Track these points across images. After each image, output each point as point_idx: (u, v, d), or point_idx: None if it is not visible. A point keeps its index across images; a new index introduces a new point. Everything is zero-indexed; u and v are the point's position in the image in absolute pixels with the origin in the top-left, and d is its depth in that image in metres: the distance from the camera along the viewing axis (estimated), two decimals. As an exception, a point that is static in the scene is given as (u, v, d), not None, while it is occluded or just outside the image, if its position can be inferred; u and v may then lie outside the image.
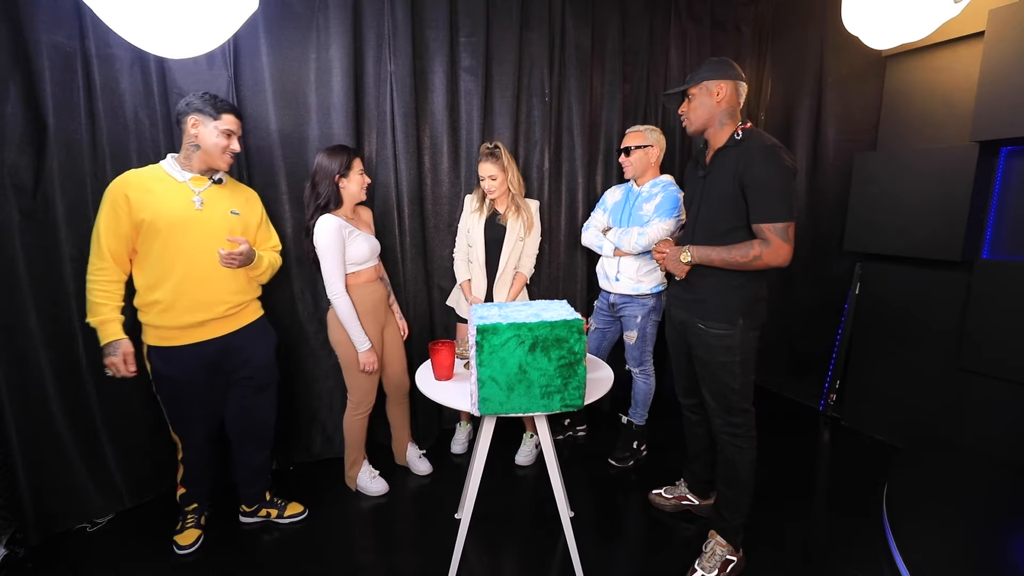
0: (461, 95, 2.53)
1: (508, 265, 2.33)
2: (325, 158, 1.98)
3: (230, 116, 1.71)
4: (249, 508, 2.04)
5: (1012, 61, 2.06)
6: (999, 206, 2.29)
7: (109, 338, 1.61)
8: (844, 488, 2.33)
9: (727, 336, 1.64)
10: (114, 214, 1.59)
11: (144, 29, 1.37)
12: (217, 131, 1.67)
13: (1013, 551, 1.68)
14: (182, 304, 1.68)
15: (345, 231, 1.97)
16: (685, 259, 1.66)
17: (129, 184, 1.61)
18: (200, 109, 1.65)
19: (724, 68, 1.62)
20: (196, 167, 1.70)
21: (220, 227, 1.73)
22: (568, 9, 2.65)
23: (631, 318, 2.37)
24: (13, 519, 1.83)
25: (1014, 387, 2.18)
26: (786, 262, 1.53)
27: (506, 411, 1.49)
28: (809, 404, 3.13)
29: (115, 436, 2.02)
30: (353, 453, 2.21)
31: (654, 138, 2.32)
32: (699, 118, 1.65)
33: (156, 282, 1.65)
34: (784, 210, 1.50)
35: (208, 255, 1.69)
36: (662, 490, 2.15)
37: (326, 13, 2.19)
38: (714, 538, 1.75)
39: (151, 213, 1.60)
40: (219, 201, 1.75)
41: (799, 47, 3.12)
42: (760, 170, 1.51)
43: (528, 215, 2.34)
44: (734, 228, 1.60)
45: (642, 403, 2.50)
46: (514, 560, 1.87)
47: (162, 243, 1.63)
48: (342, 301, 1.98)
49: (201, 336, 1.73)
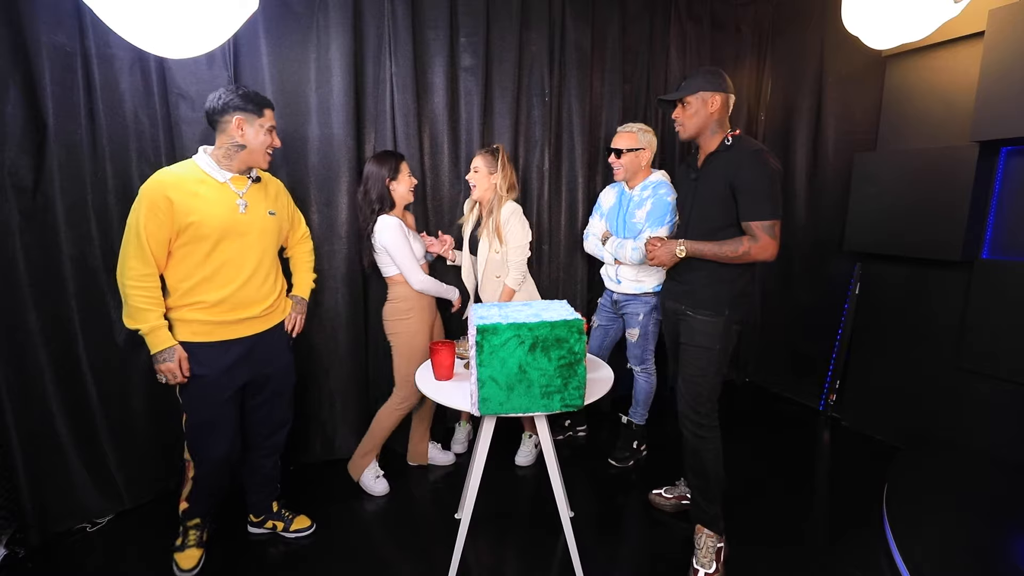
0: (461, 95, 2.53)
1: (487, 274, 2.33)
2: (374, 165, 2.10)
3: (270, 111, 1.66)
4: (256, 518, 1.99)
5: (1012, 61, 2.06)
6: (999, 206, 2.29)
7: (162, 345, 1.56)
8: (844, 488, 2.33)
9: (712, 323, 1.73)
10: (155, 217, 1.51)
11: (144, 29, 1.37)
12: (263, 129, 1.62)
13: (1013, 551, 1.69)
14: (226, 304, 1.65)
15: (405, 228, 2.12)
16: (681, 253, 1.74)
17: (169, 185, 1.53)
18: (243, 107, 1.59)
19: (718, 81, 1.71)
20: (236, 167, 1.65)
21: (262, 229, 1.72)
22: (568, 9, 2.65)
23: (633, 316, 2.39)
24: (13, 519, 1.83)
25: (1014, 387, 2.18)
26: (772, 257, 1.65)
27: (506, 411, 1.49)
28: (809, 404, 3.14)
29: (115, 436, 2.02)
30: (370, 444, 2.24)
31: (647, 140, 2.31)
32: (693, 126, 1.75)
33: (198, 284, 1.61)
34: (771, 209, 1.62)
35: (248, 260, 1.67)
36: (662, 490, 2.16)
37: (326, 13, 2.19)
38: (702, 532, 1.78)
39: (198, 217, 1.55)
40: (258, 202, 1.72)
41: (799, 47, 3.12)
42: (748, 173, 1.62)
43: (496, 221, 2.24)
44: (725, 226, 1.71)
45: (643, 402, 2.50)
46: (514, 560, 1.87)
47: (209, 247, 1.59)
48: (424, 280, 2.14)
49: (234, 333, 1.70)
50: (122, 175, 1.95)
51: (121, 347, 1.99)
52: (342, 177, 2.29)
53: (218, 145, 1.63)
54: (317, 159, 2.27)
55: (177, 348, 1.58)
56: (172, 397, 2.06)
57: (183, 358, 1.58)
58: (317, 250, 2.33)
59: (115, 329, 1.97)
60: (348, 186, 2.30)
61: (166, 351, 1.56)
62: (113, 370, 1.99)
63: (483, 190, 2.26)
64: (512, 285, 2.28)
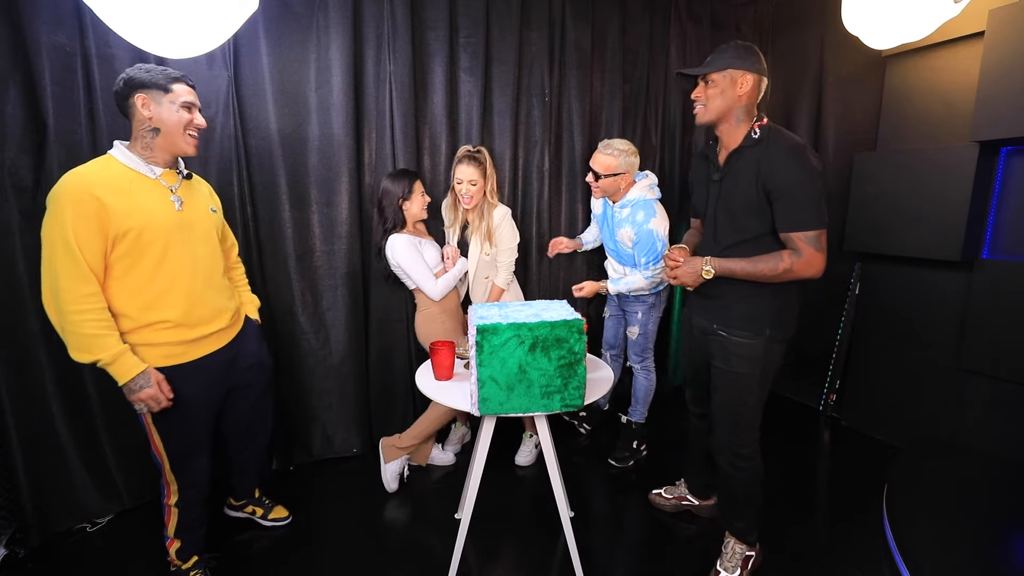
0: (461, 95, 2.53)
1: (477, 275, 2.34)
2: (389, 183, 2.16)
3: (183, 85, 1.44)
4: (237, 502, 2.01)
5: (1012, 61, 2.06)
6: (999, 206, 2.29)
7: (133, 372, 1.34)
8: (844, 488, 2.33)
9: (750, 346, 1.51)
10: (86, 222, 1.27)
11: (144, 29, 1.37)
12: (175, 106, 1.41)
13: (1013, 551, 1.69)
14: (193, 318, 1.48)
15: (415, 241, 2.17)
16: (708, 275, 1.51)
17: (94, 184, 1.30)
18: (145, 84, 1.37)
19: (751, 59, 1.44)
20: (160, 158, 1.44)
21: (204, 228, 1.55)
22: (568, 9, 2.65)
23: (633, 314, 2.42)
24: (13, 519, 1.83)
25: (1014, 387, 2.18)
26: (819, 273, 1.40)
27: (506, 411, 1.49)
28: (809, 404, 3.14)
29: (115, 436, 2.02)
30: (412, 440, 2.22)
31: (627, 164, 2.20)
32: (716, 108, 1.47)
33: (155, 300, 1.41)
34: (815, 217, 1.38)
35: (201, 261, 1.51)
36: (662, 490, 2.15)
37: (326, 13, 2.19)
38: (731, 539, 1.74)
39: (139, 221, 1.34)
40: (193, 198, 1.54)
41: (799, 47, 3.12)
42: (786, 174, 1.38)
43: (488, 225, 2.24)
44: (761, 235, 1.47)
45: (642, 400, 2.51)
46: (514, 560, 1.87)
47: (156, 255, 1.39)
48: (439, 286, 2.18)
49: (205, 350, 1.54)
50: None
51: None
52: (342, 177, 2.29)
53: (133, 136, 1.42)
54: (317, 159, 2.27)
55: (151, 371, 1.38)
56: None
57: (160, 380, 1.39)
58: (317, 250, 2.34)
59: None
60: (348, 186, 2.31)
61: (139, 377, 1.34)
62: (113, 370, 1.99)
63: (479, 200, 2.26)
64: (502, 284, 2.35)
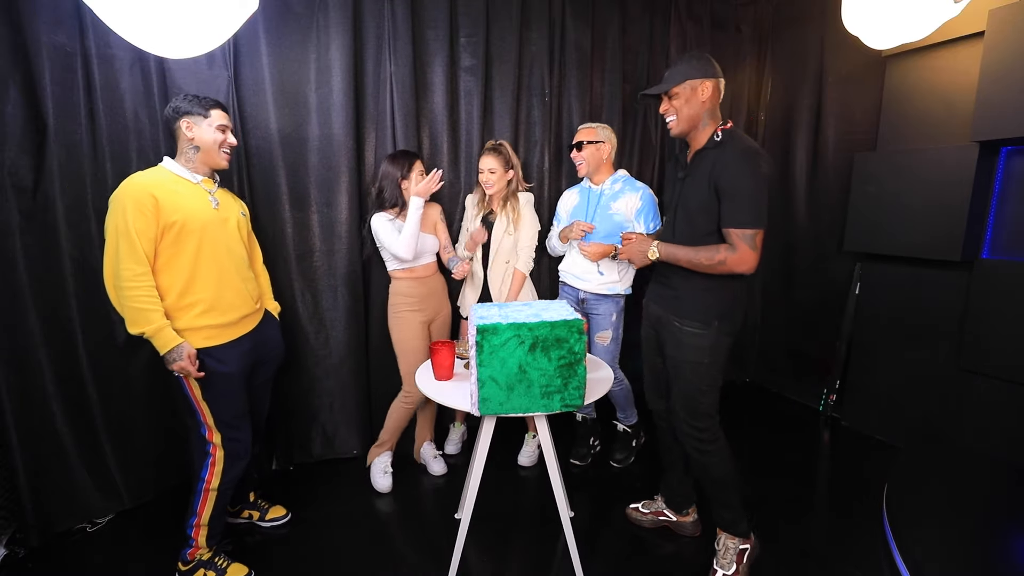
0: (461, 95, 2.53)
1: (498, 256, 2.30)
2: (388, 164, 2.17)
3: (219, 111, 1.71)
4: (233, 508, 2.01)
5: (1012, 61, 2.06)
6: (999, 206, 2.29)
7: (170, 344, 1.56)
8: (844, 488, 2.33)
9: (700, 336, 1.61)
10: (143, 215, 1.53)
11: (144, 29, 1.37)
12: (212, 128, 1.68)
13: (1013, 551, 1.69)
14: (224, 303, 1.69)
15: (394, 224, 2.16)
16: (652, 256, 1.66)
17: (151, 184, 1.57)
18: (188, 111, 1.65)
19: (705, 66, 1.56)
20: (201, 170, 1.71)
21: (235, 226, 1.77)
22: (568, 9, 2.65)
23: (605, 317, 2.32)
24: (13, 519, 1.83)
25: (1014, 387, 2.18)
26: (751, 270, 1.51)
27: (506, 411, 1.49)
28: (809, 404, 3.14)
29: (115, 436, 2.02)
30: (385, 436, 2.32)
31: (606, 135, 2.31)
32: (686, 116, 1.59)
33: (191, 284, 1.63)
34: (753, 217, 1.48)
35: (232, 253, 1.72)
36: (639, 504, 2.08)
37: (326, 13, 2.19)
38: (722, 535, 1.75)
39: (183, 215, 1.59)
40: (228, 201, 1.79)
41: (799, 47, 3.12)
42: (734, 175, 1.49)
43: (515, 208, 2.30)
44: (711, 232, 1.57)
45: (624, 404, 2.50)
46: (514, 560, 1.87)
47: (196, 244, 1.62)
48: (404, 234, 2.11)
49: (239, 332, 1.75)
50: (122, 175, 1.89)
51: (121, 347, 1.99)
52: (342, 177, 2.29)
53: (178, 152, 1.69)
54: (317, 159, 2.27)
55: (185, 345, 1.58)
56: (172, 397, 2.08)
57: (191, 354, 1.59)
58: (317, 250, 2.34)
59: (115, 329, 1.97)
60: (348, 186, 2.31)
61: (174, 350, 1.56)
62: (113, 370, 1.99)
63: (500, 188, 2.27)
64: (523, 269, 2.32)
